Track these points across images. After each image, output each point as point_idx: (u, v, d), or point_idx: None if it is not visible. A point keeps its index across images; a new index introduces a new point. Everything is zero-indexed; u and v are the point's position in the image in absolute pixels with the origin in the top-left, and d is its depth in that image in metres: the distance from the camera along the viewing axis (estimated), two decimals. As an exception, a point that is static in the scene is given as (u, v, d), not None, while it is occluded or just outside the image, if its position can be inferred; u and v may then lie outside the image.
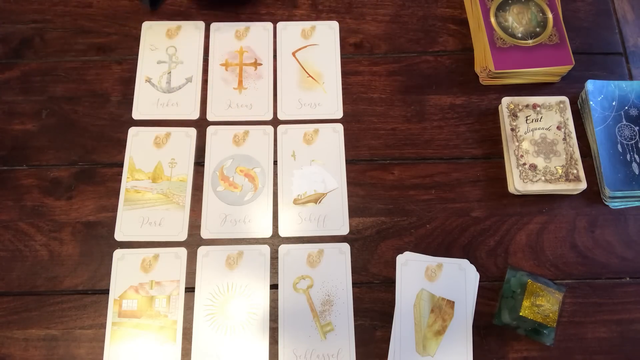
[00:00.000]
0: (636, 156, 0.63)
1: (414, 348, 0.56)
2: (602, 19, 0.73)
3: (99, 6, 0.71)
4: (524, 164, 0.61)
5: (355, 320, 0.57)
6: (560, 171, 0.61)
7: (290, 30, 0.71)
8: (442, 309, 0.57)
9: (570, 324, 0.58)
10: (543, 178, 0.61)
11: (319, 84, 0.68)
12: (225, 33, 0.71)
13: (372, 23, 0.72)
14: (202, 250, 0.60)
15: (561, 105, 0.64)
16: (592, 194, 0.63)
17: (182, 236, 0.60)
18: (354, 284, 0.59)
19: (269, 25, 0.71)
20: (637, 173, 0.62)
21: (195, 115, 0.66)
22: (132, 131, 0.65)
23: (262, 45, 0.70)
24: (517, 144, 0.62)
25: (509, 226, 0.62)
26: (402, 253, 0.60)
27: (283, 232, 0.61)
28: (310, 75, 0.69)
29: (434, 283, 0.58)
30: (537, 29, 0.67)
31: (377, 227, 0.61)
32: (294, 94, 0.68)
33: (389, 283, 0.59)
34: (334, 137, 0.65)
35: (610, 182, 0.61)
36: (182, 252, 0.59)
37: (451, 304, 0.58)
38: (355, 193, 0.63)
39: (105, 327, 0.56)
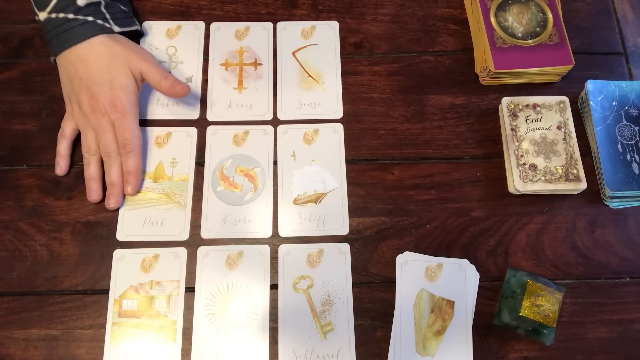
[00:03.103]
0: (636, 156, 0.63)
1: (414, 348, 0.56)
2: (602, 19, 0.73)
3: (99, 6, 0.71)
4: (524, 163, 0.61)
5: (355, 320, 0.57)
6: (560, 171, 0.61)
7: (290, 30, 0.71)
8: (442, 309, 0.57)
9: (570, 324, 0.58)
10: (543, 178, 0.61)
11: (319, 84, 0.68)
12: (225, 33, 0.71)
13: (372, 23, 0.72)
14: (202, 250, 0.60)
15: (561, 105, 0.64)
16: (592, 194, 0.63)
17: (184, 236, 0.60)
18: (354, 284, 0.59)
19: (269, 25, 0.71)
20: (637, 173, 0.62)
21: (195, 115, 0.66)
22: (132, 131, 0.65)
23: (262, 45, 0.70)
24: (517, 143, 0.62)
25: (509, 226, 0.62)
26: (402, 253, 0.60)
27: (283, 232, 0.61)
28: (310, 75, 0.69)
29: (434, 283, 0.58)
30: (537, 29, 0.67)
31: (377, 227, 0.61)
32: (294, 94, 0.68)
33: (389, 283, 0.59)
34: (334, 137, 0.65)
35: (610, 182, 0.61)
36: (182, 252, 0.59)
37: (451, 304, 0.58)
38: (355, 193, 0.63)
39: (105, 327, 0.56)
